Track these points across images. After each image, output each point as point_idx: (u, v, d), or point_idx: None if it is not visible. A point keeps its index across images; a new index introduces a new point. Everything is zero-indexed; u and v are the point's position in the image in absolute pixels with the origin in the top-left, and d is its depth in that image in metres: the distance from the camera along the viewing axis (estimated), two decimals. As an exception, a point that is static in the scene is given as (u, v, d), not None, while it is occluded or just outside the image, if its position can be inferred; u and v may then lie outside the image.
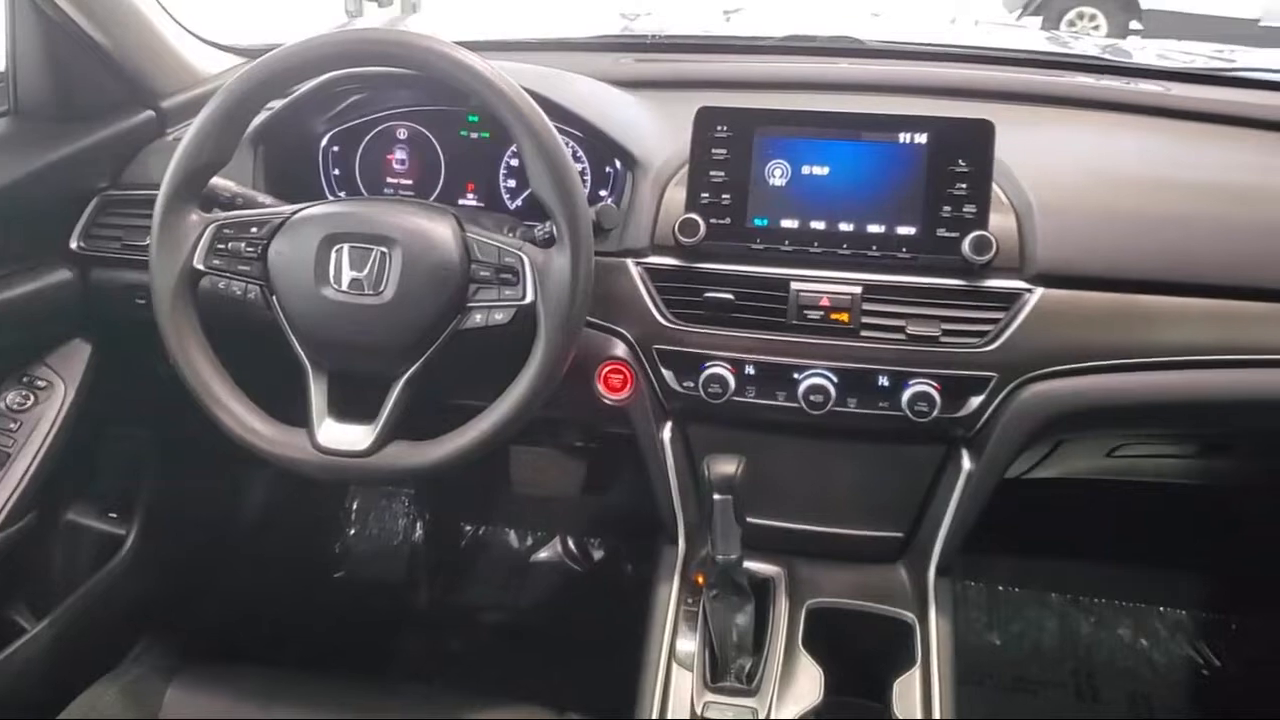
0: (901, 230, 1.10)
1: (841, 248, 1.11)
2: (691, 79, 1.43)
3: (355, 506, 2.24)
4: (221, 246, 1.05)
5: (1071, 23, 7.77)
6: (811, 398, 1.12)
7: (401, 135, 1.36)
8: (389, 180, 1.37)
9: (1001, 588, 2.05)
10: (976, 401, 1.11)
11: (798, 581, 1.23)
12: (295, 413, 1.06)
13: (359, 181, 1.38)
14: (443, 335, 1.03)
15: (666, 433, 1.22)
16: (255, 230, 1.05)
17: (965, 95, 1.34)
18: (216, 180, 1.10)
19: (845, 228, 1.11)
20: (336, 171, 1.38)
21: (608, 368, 1.17)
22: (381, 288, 1.02)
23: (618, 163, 1.26)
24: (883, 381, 1.11)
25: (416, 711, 1.15)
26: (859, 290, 1.11)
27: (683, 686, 1.14)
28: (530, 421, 1.04)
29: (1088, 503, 1.76)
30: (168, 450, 1.61)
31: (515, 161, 1.33)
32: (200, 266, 1.05)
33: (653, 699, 1.13)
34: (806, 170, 1.12)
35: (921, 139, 1.09)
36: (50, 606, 1.40)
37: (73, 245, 1.33)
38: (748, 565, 1.11)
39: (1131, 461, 1.41)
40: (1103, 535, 1.92)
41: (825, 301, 1.11)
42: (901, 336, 1.10)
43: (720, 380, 1.13)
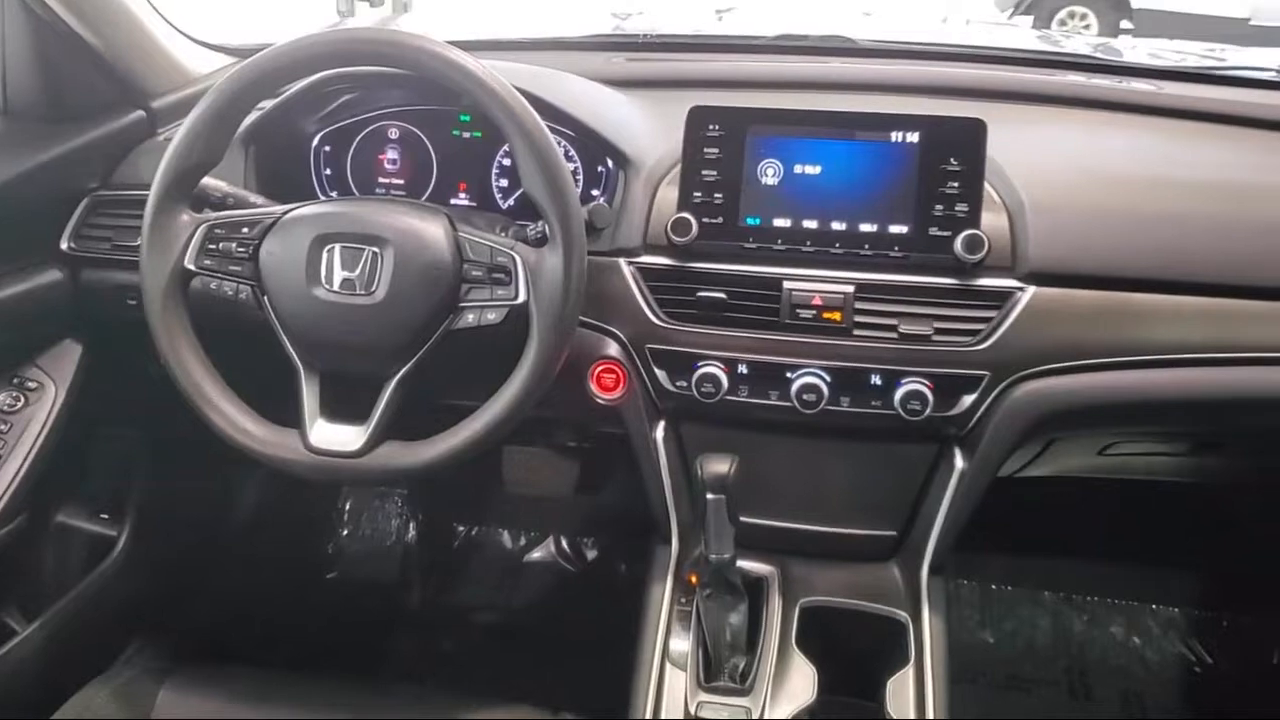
0: (894, 229, 1.10)
1: (834, 247, 1.11)
2: (683, 78, 1.43)
3: (348, 507, 2.23)
4: (212, 247, 1.05)
5: (1063, 22, 7.78)
6: (804, 397, 1.12)
7: (393, 135, 1.36)
8: (381, 180, 1.37)
9: (994, 586, 2.05)
10: (969, 400, 1.11)
11: (791, 580, 1.23)
12: (287, 413, 1.06)
13: (350, 181, 1.37)
14: (435, 335, 1.02)
15: (659, 432, 1.22)
16: (246, 230, 1.05)
17: (957, 94, 1.34)
18: (207, 180, 1.10)
19: (838, 227, 1.11)
20: (328, 171, 1.37)
21: (600, 367, 1.17)
22: (373, 288, 1.01)
23: (610, 162, 1.26)
24: (875, 380, 1.11)
25: (409, 712, 1.15)
26: (851, 289, 1.11)
27: (676, 686, 1.14)
28: (523, 421, 1.03)
29: (1080, 501, 1.77)
30: (159, 451, 1.61)
31: (507, 161, 1.33)
32: (191, 267, 1.05)
33: (646, 698, 1.14)
34: (799, 169, 1.12)
35: (913, 138, 1.09)
36: (42, 608, 1.40)
37: (63, 246, 1.33)
38: (741, 564, 1.11)
39: (1123, 460, 1.41)
40: (1095, 533, 1.93)
41: (818, 300, 1.11)
42: (894, 335, 1.10)
43: (713, 379, 1.13)
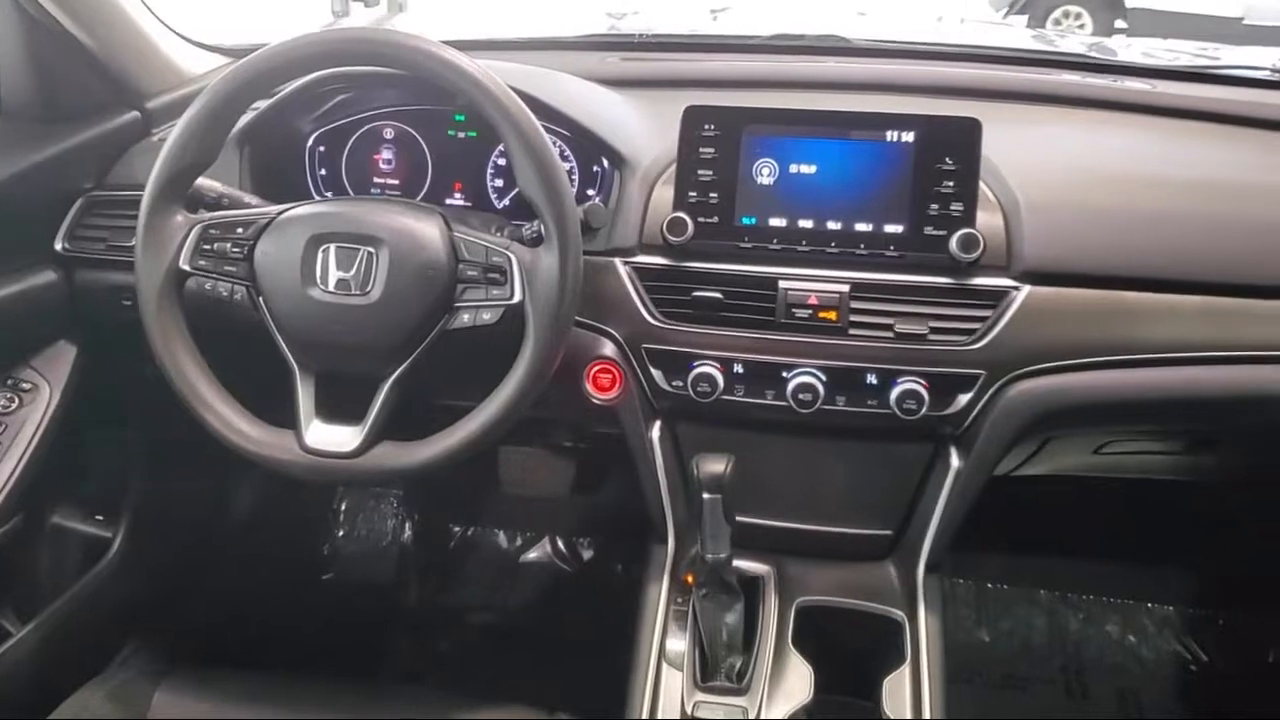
0: (889, 228, 1.10)
1: (829, 246, 1.11)
2: (679, 78, 1.43)
3: (344, 507, 2.23)
4: (207, 247, 1.04)
5: (1057, 21, 7.79)
6: (800, 396, 1.12)
7: (388, 135, 1.35)
8: (375, 180, 1.37)
9: (990, 585, 2.06)
10: (964, 399, 1.11)
11: (787, 580, 1.24)
12: (283, 414, 1.06)
13: (345, 181, 1.37)
14: (430, 335, 1.02)
15: (655, 432, 1.22)
16: (241, 231, 1.05)
17: (952, 93, 1.35)
18: (202, 180, 1.10)
19: (833, 226, 1.11)
20: (323, 171, 1.37)
21: (596, 367, 1.17)
22: (368, 288, 1.01)
23: (605, 162, 1.25)
24: (871, 380, 1.11)
25: (406, 712, 1.15)
26: (847, 289, 1.11)
27: (673, 686, 1.14)
28: (519, 421, 1.03)
29: (1076, 499, 1.77)
30: (154, 452, 1.61)
31: (503, 161, 1.32)
32: (186, 267, 1.04)
33: (643, 698, 1.13)
34: (794, 169, 1.12)
35: (909, 137, 1.09)
36: (37, 610, 1.39)
37: (57, 246, 1.32)
38: (737, 564, 1.11)
39: (1119, 458, 1.41)
40: (1091, 532, 1.93)
41: (813, 300, 1.11)
42: (889, 335, 1.10)
43: (709, 379, 1.13)
